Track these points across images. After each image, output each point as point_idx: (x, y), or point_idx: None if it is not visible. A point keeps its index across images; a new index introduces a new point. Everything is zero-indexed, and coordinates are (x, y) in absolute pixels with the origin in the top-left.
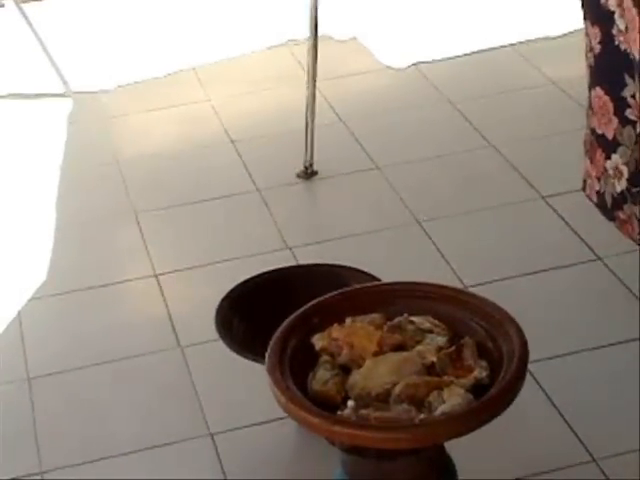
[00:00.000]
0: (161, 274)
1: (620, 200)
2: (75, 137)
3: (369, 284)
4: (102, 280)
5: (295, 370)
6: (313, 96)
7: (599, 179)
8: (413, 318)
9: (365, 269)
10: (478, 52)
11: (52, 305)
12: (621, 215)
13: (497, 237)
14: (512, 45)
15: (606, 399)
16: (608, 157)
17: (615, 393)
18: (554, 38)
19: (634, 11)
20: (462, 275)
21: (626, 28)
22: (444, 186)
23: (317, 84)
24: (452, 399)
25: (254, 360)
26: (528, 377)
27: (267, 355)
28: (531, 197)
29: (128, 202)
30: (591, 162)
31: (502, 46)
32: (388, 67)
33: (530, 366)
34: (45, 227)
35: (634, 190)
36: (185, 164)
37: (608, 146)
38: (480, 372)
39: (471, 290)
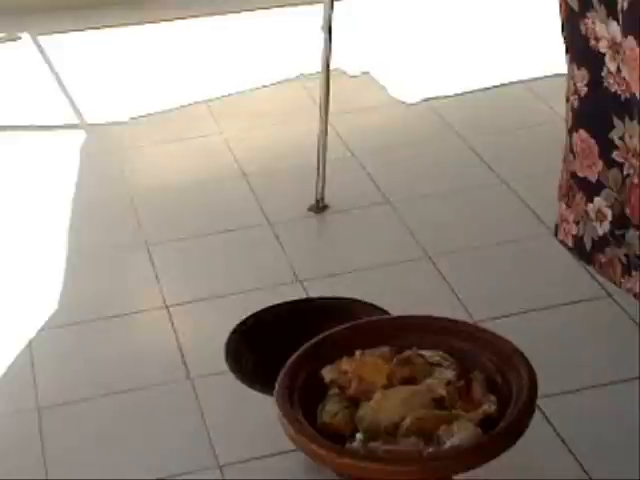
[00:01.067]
0: (172, 305)
1: (602, 243)
2: (88, 168)
3: (379, 317)
4: (113, 311)
5: (304, 402)
6: (325, 130)
7: (577, 223)
8: (422, 352)
9: (375, 303)
10: (489, 88)
11: (63, 335)
12: (602, 258)
13: (507, 272)
14: (523, 82)
15: (615, 436)
16: (590, 200)
17: (624, 430)
18: (565, 75)
19: (638, 50)
20: (472, 309)
21: (618, 69)
22: (455, 221)
23: (329, 118)
24: (461, 433)
25: (263, 392)
26: (537, 412)
27: (276, 387)
28: (541, 233)
29: (140, 233)
30: (568, 206)
31: (513, 82)
32: (400, 102)
33: (539, 401)
34: (57, 258)
35: (618, 233)
36: (197, 197)
37: (590, 189)
38: (489, 406)
39: (480, 325)
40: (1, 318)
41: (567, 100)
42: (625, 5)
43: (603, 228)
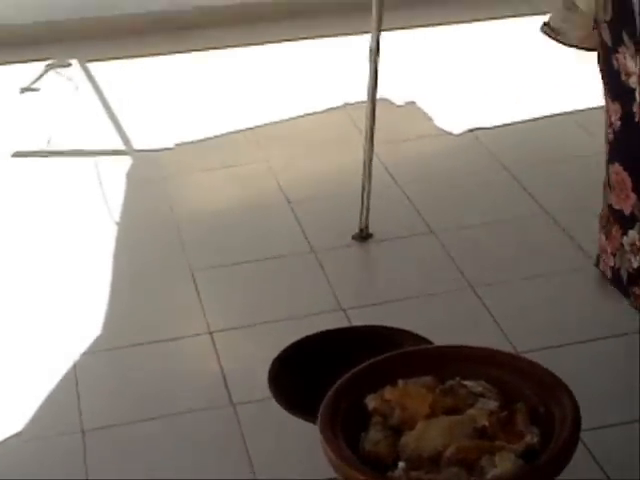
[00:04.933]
0: (215, 331)
1: (636, 275)
2: (134, 194)
3: (422, 347)
4: (157, 336)
5: (347, 430)
6: (370, 159)
7: (614, 255)
8: (465, 382)
9: (418, 332)
10: (535, 119)
11: (107, 359)
12: (637, 291)
13: (550, 304)
14: (569, 113)
15: None
16: (625, 233)
17: None
18: None
19: None
20: (515, 340)
21: None
22: (498, 252)
23: (374, 147)
24: (503, 464)
25: (306, 419)
26: (580, 445)
27: (319, 414)
28: (586, 265)
29: (184, 259)
30: (607, 238)
31: (559, 114)
32: (445, 132)
33: (582, 434)
34: (102, 282)
35: None
36: (242, 223)
37: (625, 222)
38: (531, 438)
39: (523, 356)
40: (46, 341)
41: (605, 133)
42: None
43: (638, 261)
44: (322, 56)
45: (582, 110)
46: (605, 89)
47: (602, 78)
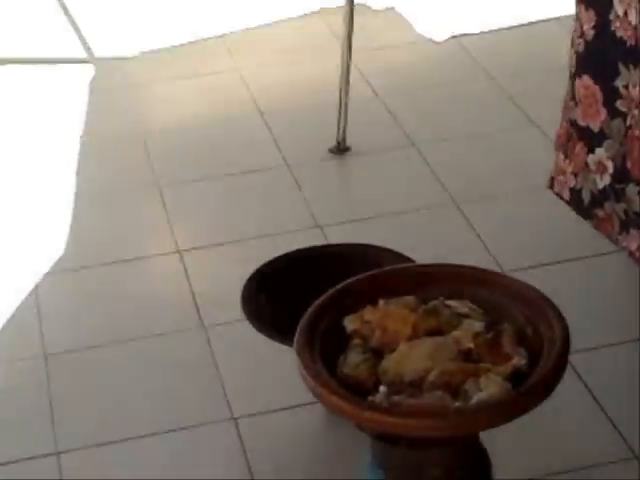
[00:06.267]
0: (184, 250)
1: (601, 197)
2: (97, 105)
3: (403, 265)
4: (122, 255)
5: (325, 352)
6: (347, 68)
7: (576, 175)
8: (449, 302)
9: (398, 250)
10: (521, 25)
11: (70, 280)
12: (600, 213)
13: (538, 221)
14: (556, 19)
15: None
16: (591, 151)
17: None
18: None
19: None
20: (500, 259)
21: (625, 13)
22: (483, 165)
23: (352, 56)
24: (489, 387)
25: (281, 342)
26: (568, 368)
27: (296, 336)
28: None
29: (151, 174)
30: (566, 157)
31: (546, 19)
32: (427, 39)
33: (570, 357)
34: (64, 199)
35: (618, 187)
36: (211, 136)
37: (592, 139)
38: (519, 360)
39: (510, 275)
40: (7, 261)
41: (572, 44)
42: None
43: (604, 181)
44: None
45: (570, 15)
46: None
47: None
